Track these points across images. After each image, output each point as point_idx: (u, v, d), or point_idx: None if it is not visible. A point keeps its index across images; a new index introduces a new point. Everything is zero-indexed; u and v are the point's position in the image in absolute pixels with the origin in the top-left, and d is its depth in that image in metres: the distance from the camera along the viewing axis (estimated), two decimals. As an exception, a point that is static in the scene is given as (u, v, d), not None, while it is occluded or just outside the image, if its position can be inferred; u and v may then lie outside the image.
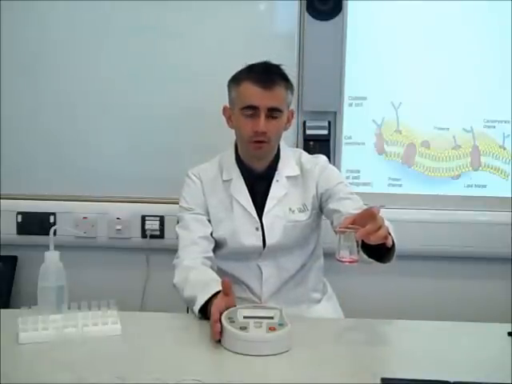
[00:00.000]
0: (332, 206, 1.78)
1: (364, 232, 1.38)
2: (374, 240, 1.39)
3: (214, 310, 1.44)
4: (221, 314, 1.43)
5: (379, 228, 1.39)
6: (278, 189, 1.81)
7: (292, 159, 1.86)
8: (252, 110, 1.71)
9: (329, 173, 1.84)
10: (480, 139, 2.42)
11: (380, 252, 1.50)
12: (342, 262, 1.42)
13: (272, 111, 1.71)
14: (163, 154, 2.36)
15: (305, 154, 1.91)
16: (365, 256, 1.48)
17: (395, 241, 1.51)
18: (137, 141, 2.38)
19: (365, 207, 1.72)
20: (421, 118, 2.41)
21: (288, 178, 1.82)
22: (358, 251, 1.42)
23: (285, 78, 1.76)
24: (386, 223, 1.46)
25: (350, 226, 1.41)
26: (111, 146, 2.39)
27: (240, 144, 1.82)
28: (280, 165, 1.83)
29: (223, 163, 1.86)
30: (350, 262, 1.41)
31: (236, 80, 1.77)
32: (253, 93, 1.71)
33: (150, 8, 2.28)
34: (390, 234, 1.46)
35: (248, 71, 1.75)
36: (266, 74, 1.72)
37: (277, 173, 1.82)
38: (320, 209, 1.84)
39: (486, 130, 2.41)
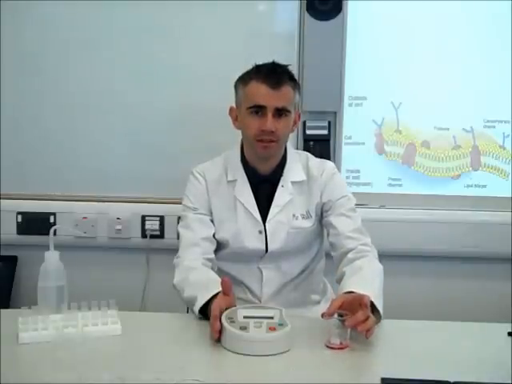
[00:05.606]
0: (331, 219, 1.79)
1: (354, 321, 1.38)
2: (361, 330, 1.39)
3: (214, 307, 1.44)
4: (221, 313, 1.43)
5: (367, 318, 1.40)
6: (282, 195, 1.79)
7: (298, 163, 1.83)
8: (259, 109, 1.70)
9: (335, 184, 1.82)
10: (480, 139, 2.42)
11: None
12: (331, 348, 1.42)
13: (279, 111, 1.70)
14: (163, 153, 2.36)
15: (312, 157, 1.88)
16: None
17: (379, 306, 1.51)
18: (137, 141, 2.38)
19: (361, 228, 1.77)
20: (421, 118, 2.41)
21: (293, 183, 1.80)
22: (349, 337, 1.42)
23: (292, 79, 1.74)
24: (378, 288, 1.54)
25: (339, 311, 1.42)
26: (111, 146, 2.39)
27: (246, 144, 1.80)
28: (286, 169, 1.81)
29: (228, 163, 1.83)
30: (340, 348, 1.41)
31: (243, 80, 1.75)
32: (260, 92, 1.69)
33: (150, 8, 2.28)
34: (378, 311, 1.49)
35: (256, 71, 1.73)
36: (273, 74, 1.70)
37: (282, 178, 1.80)
38: (320, 216, 1.84)
39: (486, 130, 2.42)
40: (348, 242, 1.74)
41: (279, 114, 1.70)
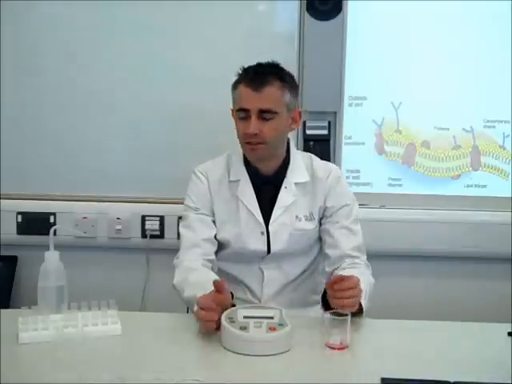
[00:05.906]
0: (331, 230, 1.78)
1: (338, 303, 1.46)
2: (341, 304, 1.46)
3: (199, 300, 1.44)
4: (211, 309, 1.42)
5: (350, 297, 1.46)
6: (285, 196, 1.78)
7: (302, 164, 1.82)
8: (244, 113, 1.69)
9: (340, 190, 1.81)
10: (480, 139, 2.42)
11: None
12: (331, 348, 1.41)
13: (264, 113, 1.68)
14: (163, 153, 2.36)
15: (316, 159, 1.86)
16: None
17: (364, 305, 1.56)
18: (137, 141, 2.38)
19: (361, 245, 1.79)
20: (421, 118, 2.41)
21: (297, 184, 1.79)
22: (349, 337, 1.42)
23: (280, 78, 1.71)
24: (363, 286, 1.54)
25: (338, 311, 1.43)
26: (111, 146, 2.39)
27: None
28: (289, 170, 1.79)
29: (231, 163, 1.82)
30: (340, 348, 1.41)
31: (235, 83, 1.75)
32: (244, 95, 1.69)
33: (150, 8, 2.28)
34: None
35: (242, 74, 1.73)
36: (256, 76, 1.69)
37: (285, 179, 1.79)
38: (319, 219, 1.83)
39: (486, 130, 2.41)
40: (346, 260, 1.74)
41: (264, 117, 1.68)
